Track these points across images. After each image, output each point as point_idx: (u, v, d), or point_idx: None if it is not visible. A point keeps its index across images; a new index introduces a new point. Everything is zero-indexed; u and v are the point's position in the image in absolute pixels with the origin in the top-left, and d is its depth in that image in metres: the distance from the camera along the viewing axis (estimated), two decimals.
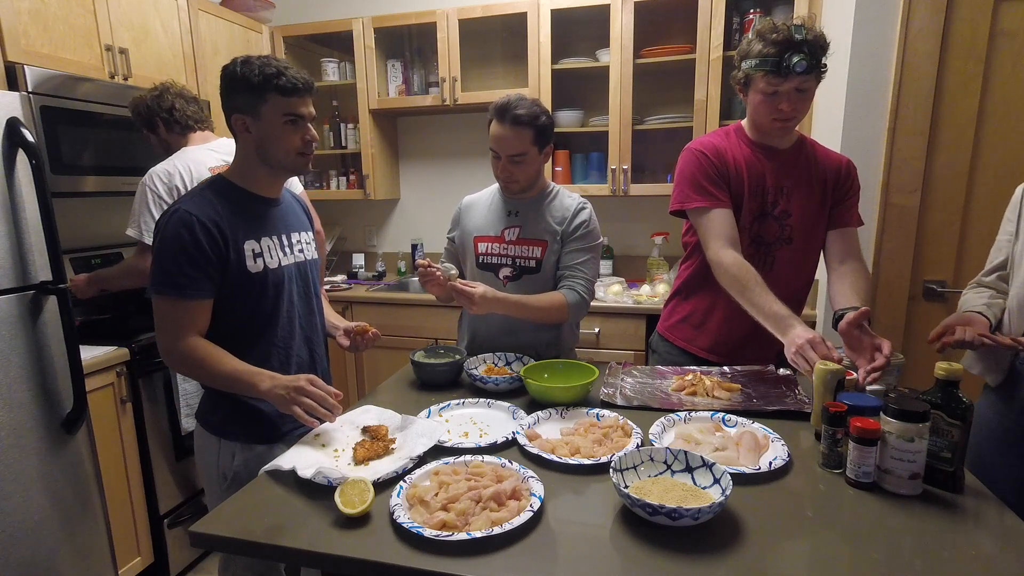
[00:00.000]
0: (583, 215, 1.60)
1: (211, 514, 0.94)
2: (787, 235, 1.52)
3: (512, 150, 1.49)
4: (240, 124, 1.23)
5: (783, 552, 0.82)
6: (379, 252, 3.41)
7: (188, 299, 1.18)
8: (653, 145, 2.76)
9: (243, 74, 1.20)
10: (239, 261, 1.22)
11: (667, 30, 2.68)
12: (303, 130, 1.25)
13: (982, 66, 1.97)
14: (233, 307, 1.24)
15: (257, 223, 1.28)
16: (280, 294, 1.30)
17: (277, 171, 1.29)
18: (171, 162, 1.89)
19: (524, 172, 1.54)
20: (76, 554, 1.70)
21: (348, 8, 3.13)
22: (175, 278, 1.16)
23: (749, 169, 1.50)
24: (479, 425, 1.26)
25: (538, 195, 1.64)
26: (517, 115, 1.46)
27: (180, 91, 1.96)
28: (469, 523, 0.87)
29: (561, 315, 1.57)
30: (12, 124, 1.51)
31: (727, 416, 1.22)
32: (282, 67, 1.20)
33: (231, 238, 1.21)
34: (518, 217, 1.62)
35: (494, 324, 1.65)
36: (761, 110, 1.44)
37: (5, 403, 1.51)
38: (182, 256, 1.16)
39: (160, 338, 1.20)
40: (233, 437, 1.29)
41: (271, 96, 1.20)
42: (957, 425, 0.96)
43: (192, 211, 1.18)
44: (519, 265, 1.61)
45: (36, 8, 1.88)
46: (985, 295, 1.37)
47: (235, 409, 1.28)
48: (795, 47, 1.33)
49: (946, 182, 2.07)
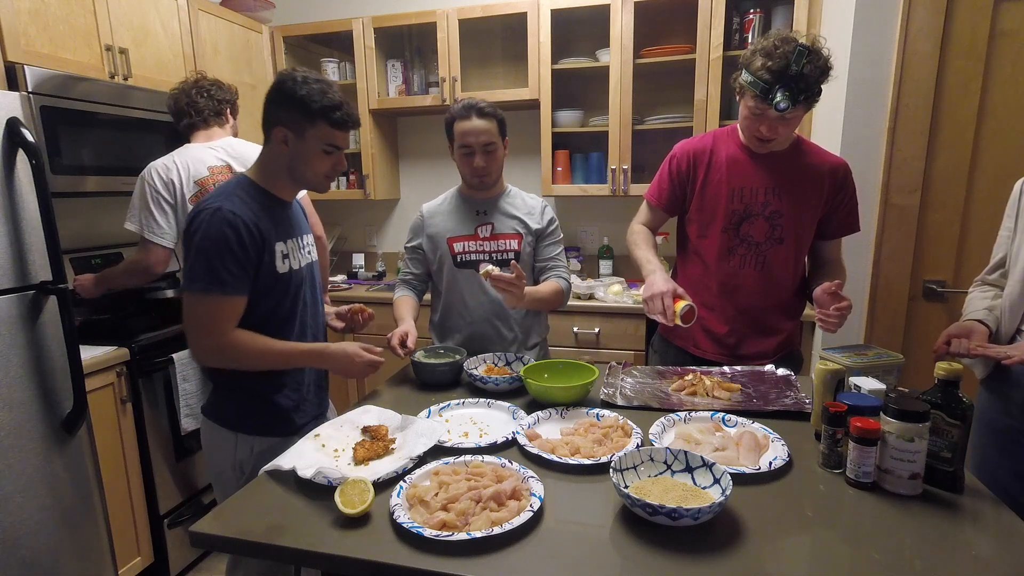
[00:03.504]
0: (549, 211, 1.76)
1: (211, 514, 0.94)
2: (778, 235, 1.53)
3: (486, 139, 1.60)
4: (280, 136, 1.26)
5: (783, 552, 0.82)
6: (379, 252, 3.41)
7: (232, 296, 1.21)
8: (653, 145, 2.75)
9: (301, 96, 1.22)
10: (271, 261, 1.27)
11: (667, 30, 2.68)
12: (337, 159, 1.30)
13: (982, 66, 1.97)
14: (257, 306, 1.27)
15: (282, 225, 1.32)
16: (297, 294, 1.35)
17: (300, 186, 1.35)
18: (171, 157, 1.92)
19: (495, 163, 1.65)
20: (76, 554, 1.70)
21: (348, 8, 3.13)
22: (221, 275, 1.19)
23: (732, 170, 1.53)
24: (479, 425, 1.26)
25: (500, 194, 1.74)
26: (482, 109, 1.60)
27: (208, 86, 2.01)
28: (469, 523, 0.87)
29: (560, 300, 1.70)
30: (12, 124, 1.51)
31: (727, 416, 1.22)
32: (339, 100, 1.24)
33: (266, 238, 1.25)
34: (487, 215, 1.71)
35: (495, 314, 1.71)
36: (745, 123, 1.48)
37: (5, 403, 1.51)
38: (228, 254, 1.19)
39: (199, 335, 1.22)
40: (250, 431, 1.31)
41: (321, 124, 1.23)
42: (957, 425, 0.96)
43: (235, 211, 1.21)
44: (497, 260, 1.68)
45: (36, 8, 1.88)
46: (989, 296, 1.37)
47: (250, 403, 1.32)
48: (786, 82, 1.32)
49: (946, 182, 2.07)
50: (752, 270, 1.55)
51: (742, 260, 1.55)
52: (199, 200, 1.90)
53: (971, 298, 1.42)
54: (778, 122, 1.39)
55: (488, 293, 1.68)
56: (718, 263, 1.56)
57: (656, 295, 1.41)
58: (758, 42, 1.39)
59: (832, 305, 1.36)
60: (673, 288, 1.41)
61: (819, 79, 1.35)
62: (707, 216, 1.57)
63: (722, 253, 1.56)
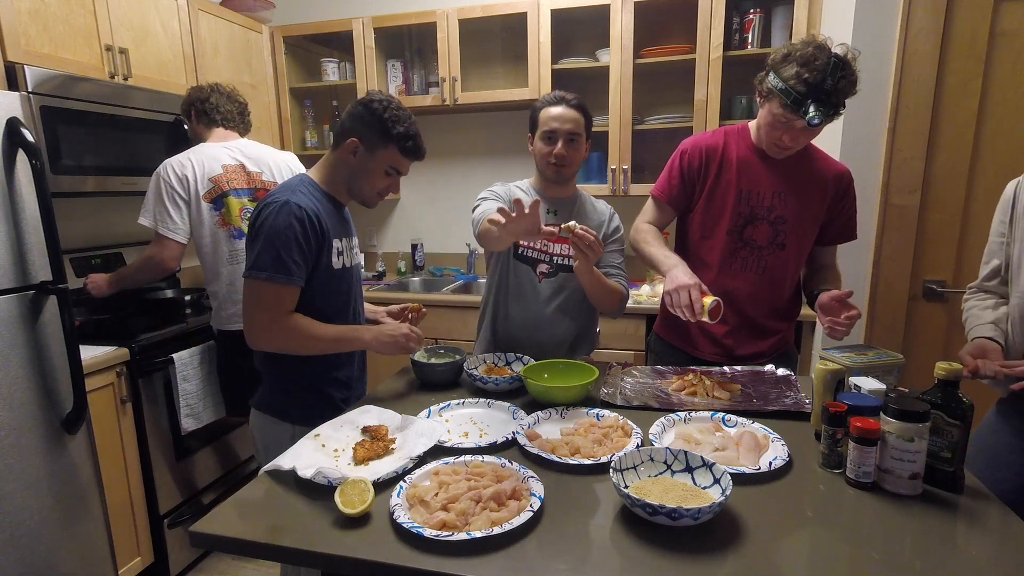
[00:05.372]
0: (616, 219, 1.69)
1: (211, 514, 0.94)
2: (781, 240, 1.52)
3: (572, 128, 1.53)
4: (351, 146, 1.35)
5: (783, 552, 0.82)
6: (379, 252, 3.41)
7: (294, 284, 1.30)
8: (653, 145, 2.76)
9: (386, 119, 1.33)
10: (328, 257, 1.36)
11: (667, 30, 2.68)
12: (394, 181, 1.43)
13: (982, 66, 1.97)
14: (314, 300, 1.36)
15: (338, 224, 1.42)
16: (349, 291, 1.47)
17: (351, 195, 1.45)
18: (186, 155, 1.96)
19: (576, 156, 1.57)
20: (76, 554, 1.70)
21: (348, 8, 3.13)
22: (287, 264, 1.28)
23: (742, 172, 1.51)
24: (479, 425, 1.26)
25: (572, 196, 1.67)
26: (572, 99, 1.55)
27: (228, 91, 2.09)
28: (469, 523, 0.87)
29: (616, 302, 1.60)
30: (12, 124, 1.51)
31: (727, 416, 1.22)
32: (416, 131, 1.37)
33: (327, 233, 1.35)
34: (557, 216, 1.63)
35: (516, 322, 1.65)
36: (766, 129, 1.44)
37: (5, 403, 1.51)
38: (294, 245, 1.28)
39: (258, 318, 1.30)
40: (310, 423, 1.31)
41: (392, 147, 1.35)
42: (957, 425, 0.96)
43: (302, 204, 1.30)
44: (556, 263, 1.62)
45: (36, 8, 1.88)
46: (989, 305, 1.34)
47: (306, 395, 1.42)
48: (820, 96, 1.29)
49: (946, 182, 2.07)
50: (753, 274, 1.55)
51: (744, 263, 1.55)
52: (213, 197, 1.94)
53: (970, 308, 1.38)
54: (802, 132, 1.38)
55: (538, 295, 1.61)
56: (720, 265, 1.55)
57: (682, 287, 1.36)
58: (792, 47, 1.34)
59: (843, 314, 1.35)
60: (698, 282, 1.37)
61: (848, 93, 1.33)
62: (713, 217, 1.55)
63: (725, 255, 1.55)
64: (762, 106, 1.43)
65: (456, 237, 3.30)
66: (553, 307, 1.62)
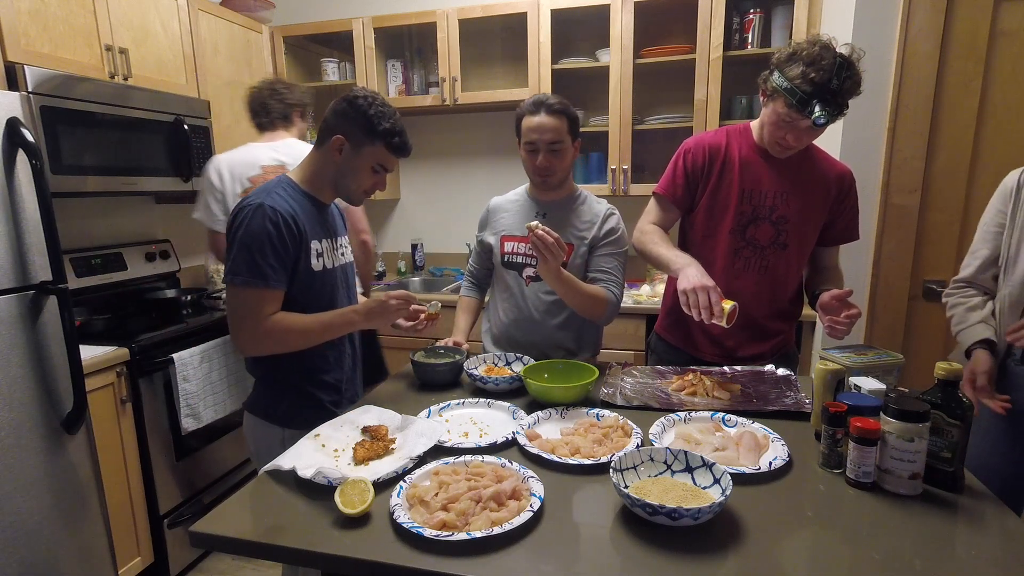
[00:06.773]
0: (612, 221, 1.62)
1: (211, 514, 0.94)
2: (783, 240, 1.52)
3: (552, 137, 1.51)
4: (336, 144, 1.32)
5: (783, 552, 0.82)
6: (379, 252, 3.41)
7: (273, 288, 1.27)
8: (653, 145, 2.76)
9: (372, 116, 1.30)
10: (307, 258, 1.33)
11: (667, 30, 2.68)
12: (381, 179, 1.39)
13: (982, 66, 1.97)
14: (294, 302, 1.33)
15: (319, 225, 1.38)
16: (334, 292, 1.42)
17: (338, 194, 1.42)
18: (231, 153, 2.06)
19: (561, 163, 1.55)
20: (76, 554, 1.70)
21: (348, 8, 3.14)
22: (262, 269, 1.25)
23: (744, 171, 1.51)
24: (479, 425, 1.26)
25: (567, 197, 1.65)
26: (551, 105, 1.52)
27: (281, 89, 2.13)
28: (469, 523, 0.87)
29: (599, 309, 1.55)
30: (12, 124, 1.51)
31: (727, 416, 1.22)
32: (401, 128, 1.34)
33: (305, 235, 1.31)
34: (546, 219, 1.61)
35: (510, 323, 1.66)
36: (770, 128, 1.43)
37: (5, 403, 1.51)
38: (269, 249, 1.25)
39: (240, 324, 1.28)
40: (299, 426, 1.32)
41: (379, 144, 1.32)
42: (957, 425, 0.96)
43: (276, 207, 1.26)
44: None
45: (36, 8, 1.88)
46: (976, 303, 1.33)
47: (296, 398, 1.40)
48: (826, 96, 1.29)
49: (946, 182, 2.07)
50: (755, 274, 1.54)
51: (746, 263, 1.54)
52: None
53: (954, 307, 1.38)
54: (806, 132, 1.37)
55: (527, 298, 1.63)
56: (722, 265, 1.55)
57: (699, 288, 1.32)
58: (797, 46, 1.33)
59: (844, 313, 1.34)
60: (715, 284, 1.33)
61: (853, 93, 1.32)
62: (716, 216, 1.55)
63: (727, 255, 1.54)
64: (766, 105, 1.43)
65: (456, 237, 3.30)
66: (543, 310, 1.62)
